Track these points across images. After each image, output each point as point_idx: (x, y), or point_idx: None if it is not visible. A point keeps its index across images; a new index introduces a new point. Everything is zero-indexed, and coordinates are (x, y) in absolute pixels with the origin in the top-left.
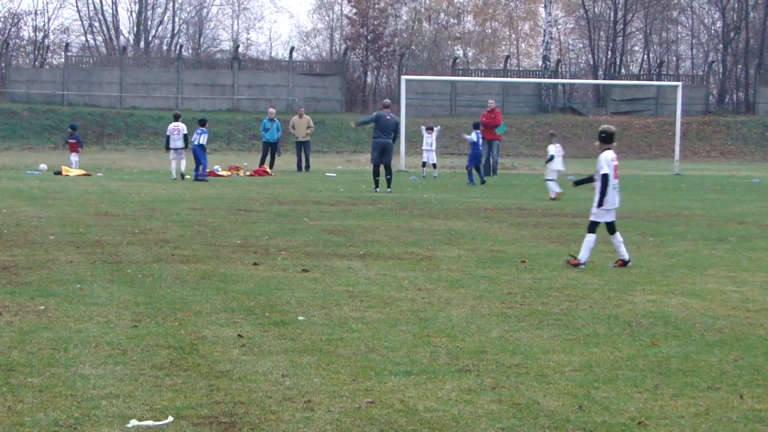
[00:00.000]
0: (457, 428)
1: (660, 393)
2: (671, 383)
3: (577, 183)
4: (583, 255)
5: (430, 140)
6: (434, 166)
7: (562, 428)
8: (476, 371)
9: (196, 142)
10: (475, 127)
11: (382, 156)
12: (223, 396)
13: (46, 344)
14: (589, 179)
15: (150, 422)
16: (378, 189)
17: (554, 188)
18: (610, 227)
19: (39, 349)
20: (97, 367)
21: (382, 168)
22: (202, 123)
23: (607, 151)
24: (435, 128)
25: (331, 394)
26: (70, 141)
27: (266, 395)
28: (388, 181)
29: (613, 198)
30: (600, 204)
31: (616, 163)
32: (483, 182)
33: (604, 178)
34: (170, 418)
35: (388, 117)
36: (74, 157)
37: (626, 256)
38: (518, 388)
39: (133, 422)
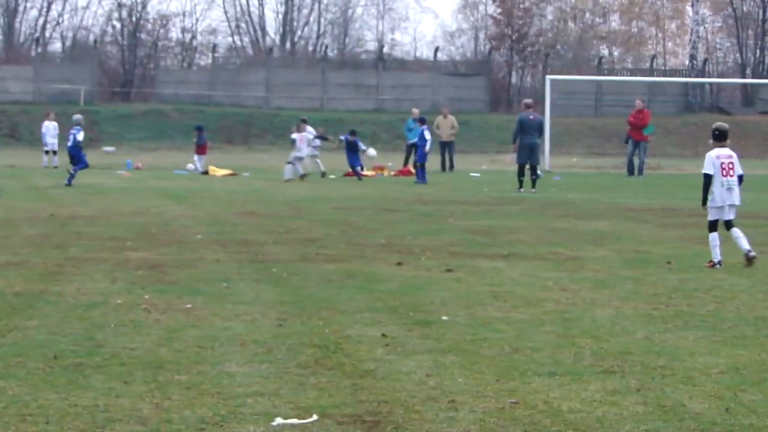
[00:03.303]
0: (602, 430)
1: None
2: None
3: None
4: (713, 255)
5: None
6: None
7: (709, 431)
8: (621, 372)
9: (69, 143)
10: (422, 122)
11: (530, 156)
12: (367, 395)
13: (193, 342)
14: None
15: (295, 420)
16: (522, 189)
17: (289, 173)
18: (726, 224)
19: (186, 347)
20: (242, 366)
21: (527, 168)
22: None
23: (715, 149)
24: None
25: (475, 394)
26: (199, 144)
27: (410, 395)
28: (533, 182)
29: (722, 196)
30: (704, 202)
31: (725, 161)
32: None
33: (705, 177)
34: (315, 417)
35: (531, 117)
36: (200, 160)
37: (746, 249)
38: (663, 390)
39: (279, 420)
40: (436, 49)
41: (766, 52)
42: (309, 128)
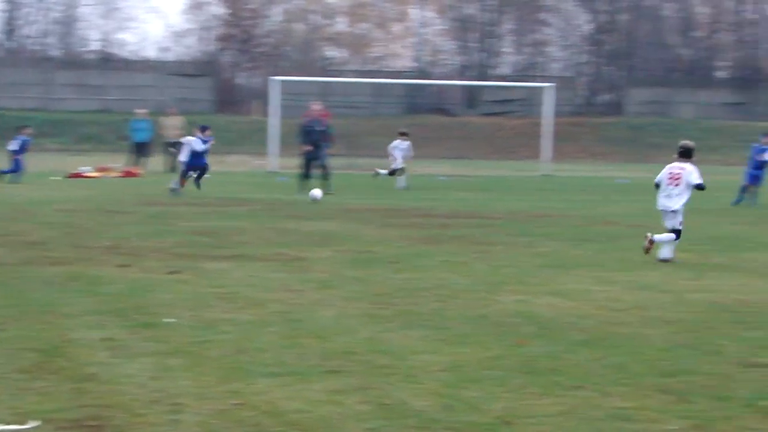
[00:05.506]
0: (325, 429)
1: (527, 392)
2: (538, 382)
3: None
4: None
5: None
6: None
7: (430, 428)
8: (344, 372)
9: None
10: (203, 130)
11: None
12: (89, 399)
13: None
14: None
15: (15, 426)
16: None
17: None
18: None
19: None
20: None
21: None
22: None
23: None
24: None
25: (199, 396)
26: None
27: (133, 398)
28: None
29: (659, 201)
30: None
31: (671, 171)
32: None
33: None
34: (37, 422)
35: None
36: None
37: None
38: (386, 388)
39: None
40: (162, 50)
41: (488, 54)
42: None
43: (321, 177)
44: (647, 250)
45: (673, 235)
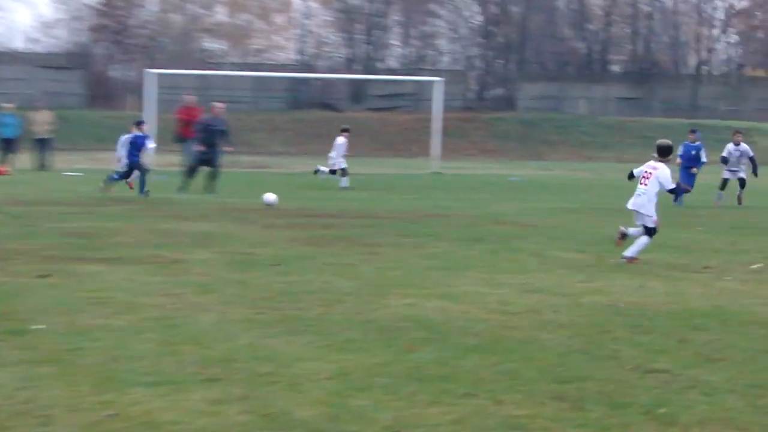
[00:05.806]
0: None
1: (416, 400)
2: (427, 390)
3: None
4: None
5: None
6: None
7: None
8: (224, 380)
9: None
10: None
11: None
12: None
13: None
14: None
15: None
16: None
17: None
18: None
19: None
20: None
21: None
22: None
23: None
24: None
25: (70, 407)
26: None
27: None
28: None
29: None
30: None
31: (646, 170)
32: None
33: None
34: None
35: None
36: None
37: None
38: (269, 397)
39: None
40: (31, 41)
41: (375, 47)
42: None
43: (208, 176)
44: (618, 244)
45: (645, 237)
